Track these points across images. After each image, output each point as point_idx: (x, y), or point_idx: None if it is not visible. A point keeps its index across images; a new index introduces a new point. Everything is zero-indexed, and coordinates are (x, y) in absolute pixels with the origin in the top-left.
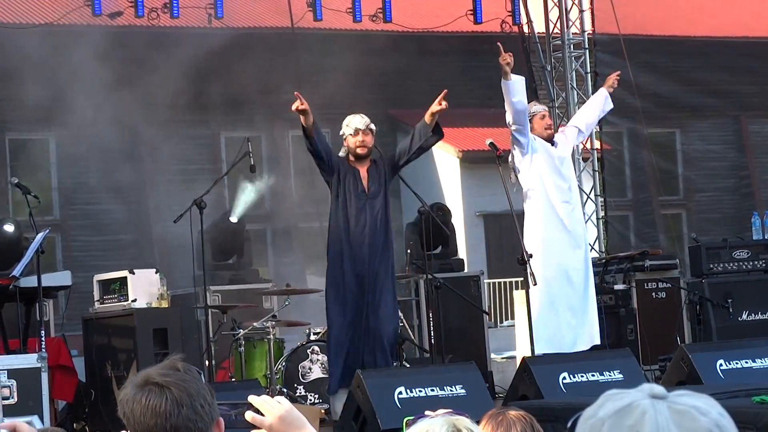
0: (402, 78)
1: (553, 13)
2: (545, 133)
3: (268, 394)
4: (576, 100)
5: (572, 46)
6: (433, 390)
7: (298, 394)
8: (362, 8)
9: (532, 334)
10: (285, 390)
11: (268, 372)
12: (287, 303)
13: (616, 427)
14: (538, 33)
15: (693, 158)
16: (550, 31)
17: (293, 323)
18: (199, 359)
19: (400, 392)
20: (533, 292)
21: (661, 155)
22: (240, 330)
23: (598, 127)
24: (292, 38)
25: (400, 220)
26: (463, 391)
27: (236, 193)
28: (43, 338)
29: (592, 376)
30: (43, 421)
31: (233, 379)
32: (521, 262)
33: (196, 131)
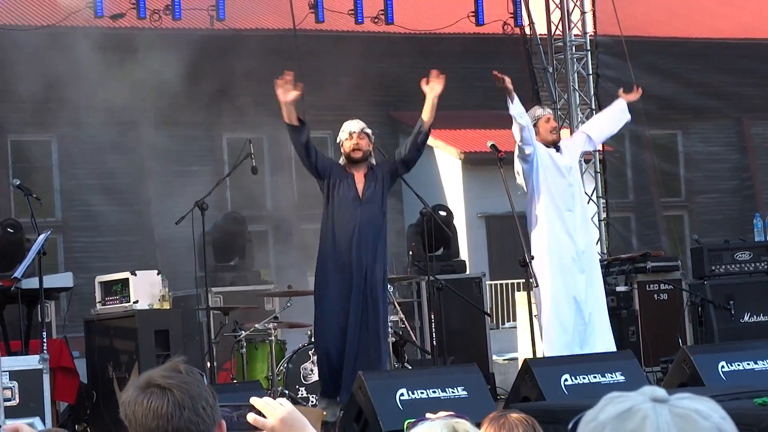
0: (404, 80)
1: (555, 15)
2: (550, 137)
3: (270, 396)
4: (578, 102)
5: (574, 48)
6: (434, 392)
7: (299, 396)
8: (364, 10)
9: (534, 335)
10: (287, 392)
11: (270, 374)
12: (289, 304)
13: (618, 431)
14: (540, 35)
15: (695, 160)
16: (552, 32)
17: (295, 325)
18: (201, 361)
19: (402, 394)
20: (542, 295)
21: (662, 157)
22: (242, 331)
23: None
24: (294, 40)
25: (402, 222)
26: (465, 392)
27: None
28: (45, 340)
29: (594, 377)
30: (44, 423)
31: (235, 381)
32: (523, 263)
33: (198, 133)
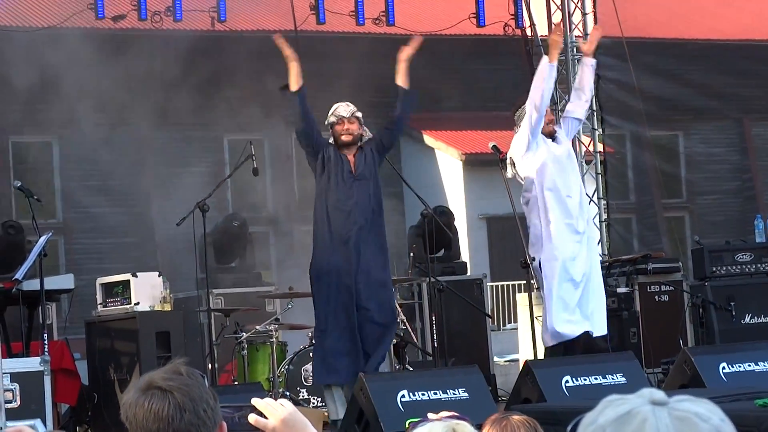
0: None
1: (556, 17)
2: (547, 128)
3: (271, 398)
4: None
5: (575, 49)
6: (435, 393)
7: (300, 397)
8: (365, 12)
9: (535, 336)
10: (288, 393)
11: (271, 375)
12: (290, 306)
13: None
14: (541, 36)
15: (696, 161)
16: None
17: (296, 326)
18: (202, 362)
19: (403, 395)
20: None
21: (663, 158)
22: (243, 333)
23: (600, 130)
24: (295, 41)
25: (403, 223)
26: (466, 394)
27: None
28: (46, 341)
29: (595, 379)
30: (45, 425)
31: (236, 383)
32: (524, 265)
33: (199, 134)
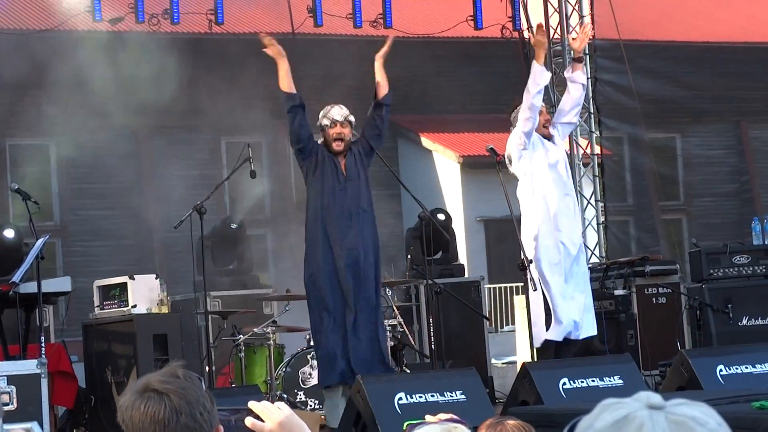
0: (402, 83)
1: (554, 19)
2: (543, 129)
3: (269, 400)
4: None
5: (573, 52)
6: (433, 396)
7: (298, 400)
8: (363, 14)
9: (532, 338)
10: (285, 396)
11: (268, 378)
12: (287, 308)
13: None
14: None
15: (693, 163)
16: (551, 36)
17: (293, 329)
18: (199, 365)
19: (400, 398)
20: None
21: (661, 160)
22: (240, 336)
23: (598, 132)
24: (293, 44)
25: (401, 226)
26: (464, 396)
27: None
28: (43, 344)
29: (592, 381)
30: (42, 428)
31: (233, 385)
32: (521, 267)
33: (197, 136)
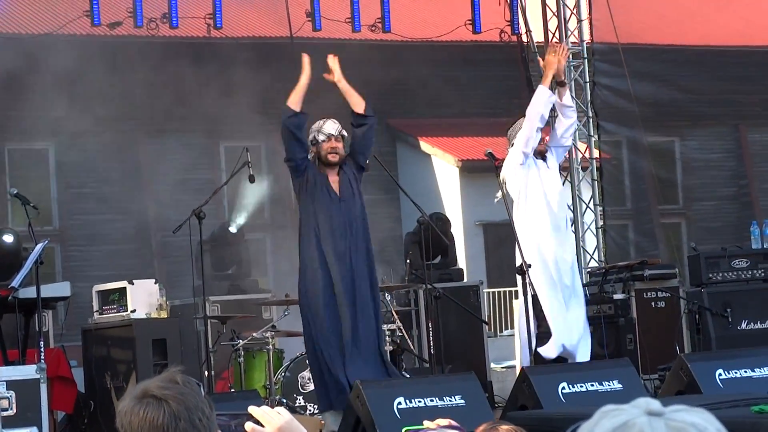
0: (401, 88)
1: (552, 23)
2: (538, 146)
3: (268, 405)
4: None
5: (571, 56)
6: (432, 400)
7: (297, 405)
8: (361, 18)
9: (531, 342)
10: (284, 400)
11: (268, 382)
12: (287, 313)
13: None
14: (537, 42)
15: (692, 167)
16: (549, 40)
17: (292, 333)
18: (199, 370)
19: (400, 402)
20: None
21: (660, 164)
22: (239, 340)
23: (596, 136)
24: (291, 48)
25: (400, 230)
26: (463, 401)
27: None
28: (42, 349)
29: (592, 386)
30: None
31: (232, 390)
32: (520, 271)
33: (195, 141)
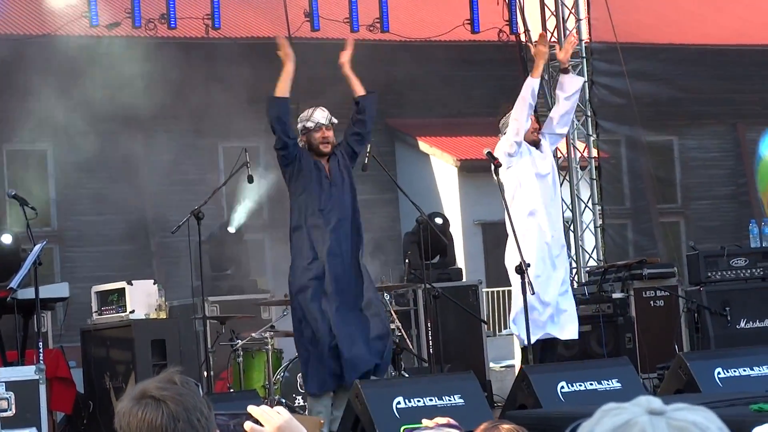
0: (400, 88)
1: (551, 22)
2: (531, 137)
3: (267, 405)
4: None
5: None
6: (431, 400)
7: (296, 405)
8: (359, 18)
9: (530, 341)
10: (284, 400)
11: (267, 382)
12: (285, 313)
13: None
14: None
15: (691, 166)
16: (548, 39)
17: (291, 333)
18: (198, 370)
19: (399, 402)
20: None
21: (658, 163)
22: (238, 340)
23: (595, 135)
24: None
25: (399, 230)
26: (462, 400)
27: (234, 204)
28: (41, 350)
29: (591, 384)
30: None
31: (232, 390)
32: (519, 271)
33: (194, 141)
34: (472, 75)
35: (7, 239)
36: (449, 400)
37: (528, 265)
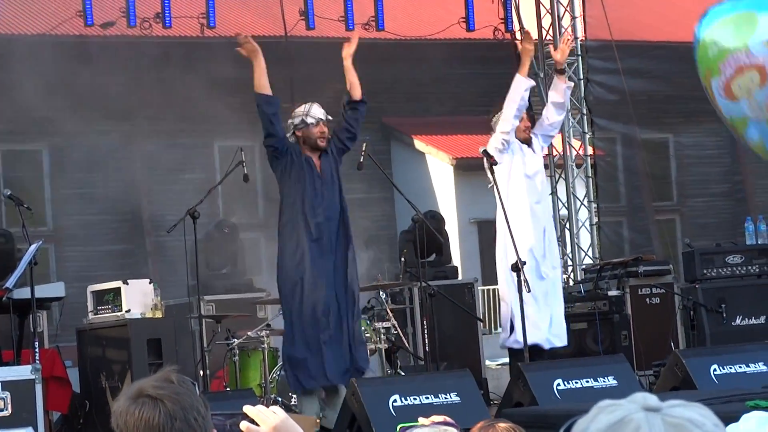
0: (395, 86)
1: (546, 20)
2: (522, 134)
3: (263, 404)
4: (569, 107)
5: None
6: (427, 398)
7: (292, 404)
8: (355, 17)
9: (526, 340)
10: (280, 399)
11: (263, 381)
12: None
13: None
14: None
15: (686, 163)
16: (543, 37)
17: None
18: (194, 369)
19: (395, 400)
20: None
21: (654, 160)
22: (234, 339)
23: (591, 133)
24: (285, 47)
25: (394, 228)
26: (458, 398)
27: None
28: (37, 350)
29: (587, 382)
30: None
31: (228, 389)
32: (515, 269)
33: (190, 140)
34: (468, 73)
35: (2, 239)
36: (445, 398)
37: (524, 263)
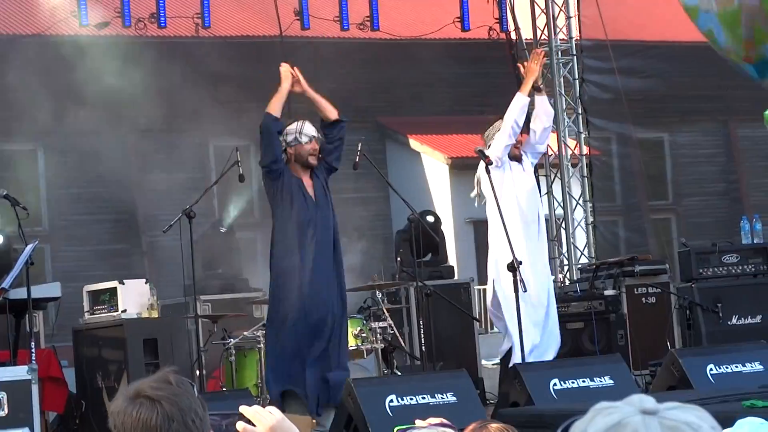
0: (390, 86)
1: (541, 20)
2: (513, 151)
3: (259, 404)
4: (564, 107)
5: (560, 53)
6: (424, 398)
7: None
8: (350, 16)
9: (523, 340)
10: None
11: (259, 381)
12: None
13: None
14: (526, 39)
15: (682, 163)
16: (538, 37)
17: None
18: (190, 369)
19: (392, 400)
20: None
21: (649, 160)
22: (230, 339)
23: (586, 132)
24: (280, 47)
25: (390, 228)
26: (454, 398)
27: (226, 203)
28: (33, 350)
29: (583, 382)
30: None
31: (224, 389)
32: (511, 268)
33: (185, 140)
34: (463, 73)
35: None
36: (442, 398)
37: (520, 263)
